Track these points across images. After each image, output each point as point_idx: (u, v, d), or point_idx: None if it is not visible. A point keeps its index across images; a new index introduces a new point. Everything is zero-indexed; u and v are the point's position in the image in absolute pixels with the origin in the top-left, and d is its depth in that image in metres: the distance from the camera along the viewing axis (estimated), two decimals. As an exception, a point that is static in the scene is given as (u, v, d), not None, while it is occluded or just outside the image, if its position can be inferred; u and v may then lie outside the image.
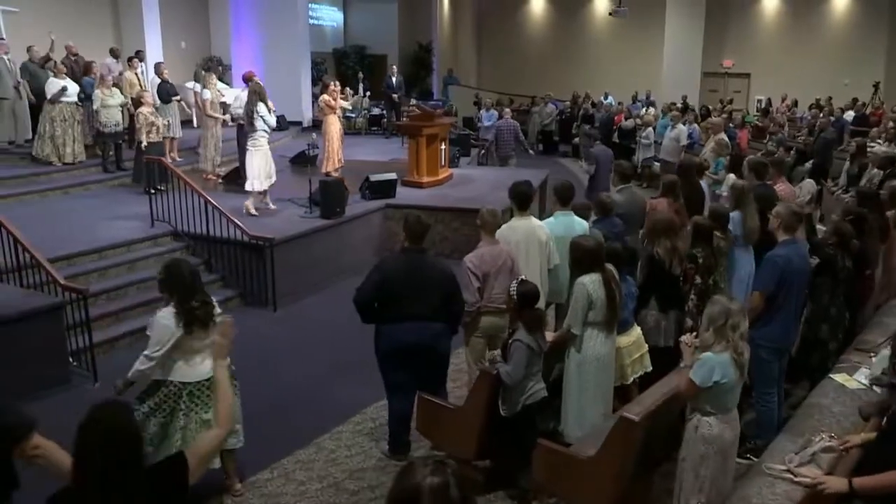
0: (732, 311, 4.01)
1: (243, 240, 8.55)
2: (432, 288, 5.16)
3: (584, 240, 5.23)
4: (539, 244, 5.95)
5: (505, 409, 4.78)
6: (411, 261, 5.22)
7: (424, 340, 5.16)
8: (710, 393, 4.01)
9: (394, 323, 5.11)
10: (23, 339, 6.39)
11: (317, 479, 5.30)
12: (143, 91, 11.51)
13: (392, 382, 5.35)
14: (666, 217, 6.09)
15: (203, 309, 4.56)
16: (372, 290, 5.17)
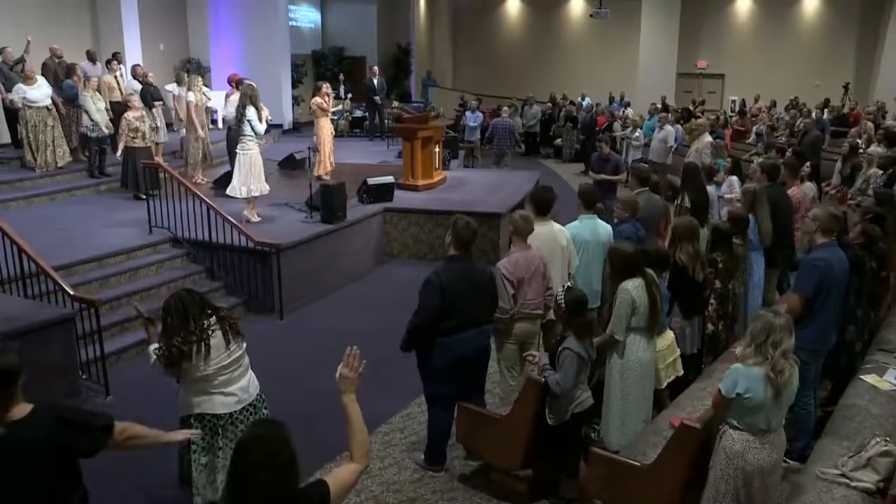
0: (776, 327, 3.78)
1: (248, 246, 8.36)
2: (483, 293, 5.15)
3: (623, 245, 5.19)
4: (561, 249, 5.92)
5: (552, 417, 4.71)
6: (463, 269, 5.13)
7: (482, 345, 5.21)
8: (735, 406, 3.87)
9: (453, 334, 5.00)
10: (33, 351, 6.14)
11: (354, 492, 5.14)
12: (129, 95, 11.22)
13: (440, 394, 5.24)
14: (688, 222, 6.08)
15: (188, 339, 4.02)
16: (434, 307, 5.00)
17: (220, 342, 4.11)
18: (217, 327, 4.12)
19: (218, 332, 4.11)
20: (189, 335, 3.98)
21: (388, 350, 7.54)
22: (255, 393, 4.37)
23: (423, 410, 6.33)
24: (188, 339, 3.97)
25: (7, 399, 2.83)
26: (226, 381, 4.20)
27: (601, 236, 6.30)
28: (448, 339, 5.02)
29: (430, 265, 10.24)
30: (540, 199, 6.06)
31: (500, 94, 24.09)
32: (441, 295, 4.98)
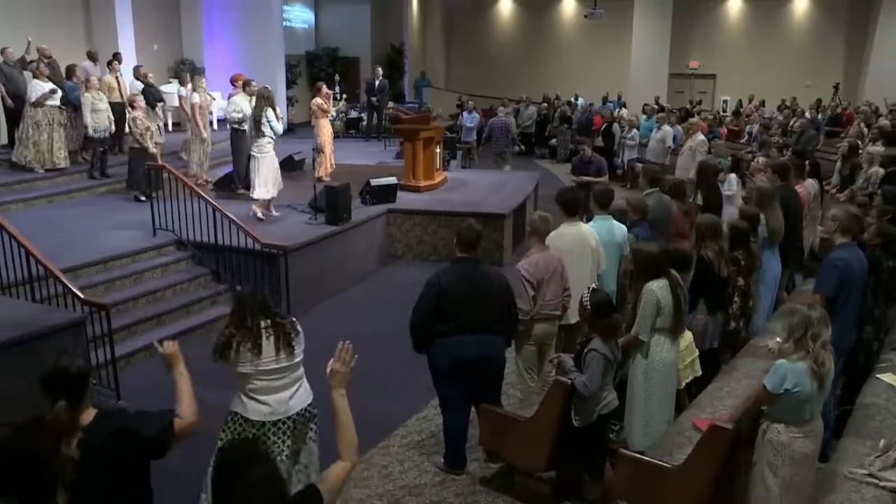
0: (813, 320, 3.90)
1: (254, 248, 8.31)
2: (488, 298, 5.03)
3: (647, 246, 5.19)
4: (590, 250, 5.90)
5: (578, 419, 4.69)
6: (466, 271, 5.07)
7: (483, 353, 5.03)
8: (782, 401, 3.92)
9: (451, 336, 4.95)
10: (43, 357, 6.08)
11: (376, 496, 5.14)
12: (135, 95, 11.12)
13: (448, 396, 5.21)
14: (711, 220, 6.10)
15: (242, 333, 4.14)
16: (430, 307, 4.98)
17: (272, 347, 4.14)
18: (271, 332, 4.16)
19: (272, 336, 4.15)
20: (244, 329, 4.10)
21: (396, 352, 7.51)
22: (299, 409, 4.31)
23: (439, 413, 6.29)
24: (242, 332, 4.09)
25: (82, 402, 2.79)
26: (264, 389, 4.18)
27: (616, 237, 6.31)
28: (445, 341, 4.99)
29: (434, 266, 10.21)
30: (568, 200, 6.05)
31: (493, 94, 24.11)
32: (438, 296, 4.94)
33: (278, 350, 4.17)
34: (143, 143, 10.57)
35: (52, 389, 2.72)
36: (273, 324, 4.22)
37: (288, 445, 4.28)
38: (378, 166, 13.80)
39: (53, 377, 2.75)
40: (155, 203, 8.96)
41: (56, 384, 2.73)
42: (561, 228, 5.93)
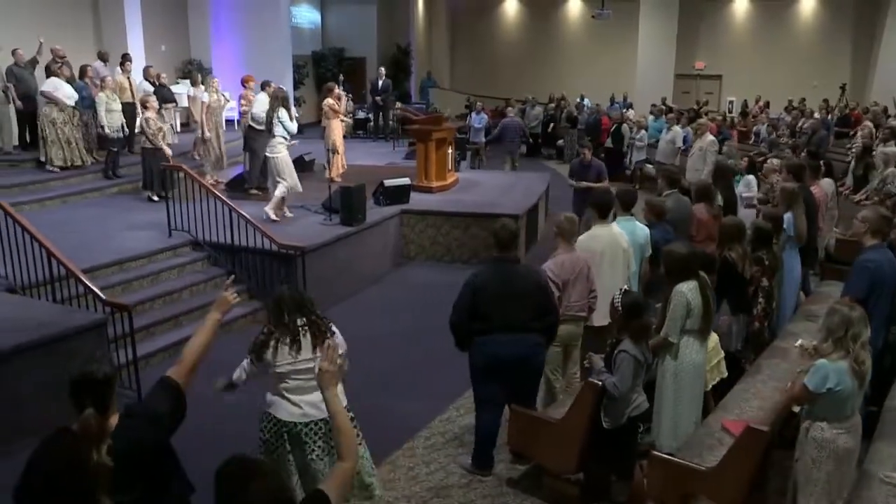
0: (853, 319, 3.96)
1: (271, 249, 8.29)
2: (526, 298, 5.01)
3: (677, 247, 5.17)
4: (622, 252, 5.90)
5: (608, 421, 4.68)
6: (503, 270, 5.07)
7: (520, 353, 5.01)
8: (824, 399, 3.97)
9: (488, 335, 4.95)
10: (66, 358, 6.06)
11: (403, 498, 5.13)
12: (147, 96, 11.11)
13: (483, 396, 5.19)
14: (735, 222, 6.09)
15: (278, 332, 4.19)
16: (466, 306, 4.99)
17: (309, 345, 4.18)
18: (307, 330, 4.21)
19: (308, 334, 4.20)
20: (282, 327, 4.16)
21: (415, 353, 7.57)
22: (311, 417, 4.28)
23: (461, 414, 6.34)
24: (280, 330, 4.15)
25: (109, 408, 2.76)
26: (297, 389, 4.19)
27: (639, 238, 6.29)
28: (481, 340, 4.99)
29: (448, 267, 10.33)
30: (601, 202, 6.05)
31: (498, 94, 24.10)
32: (473, 295, 4.95)
33: (315, 348, 4.19)
34: (156, 143, 10.56)
35: (79, 396, 2.67)
36: (309, 322, 4.26)
37: (319, 446, 4.27)
38: (388, 167, 13.78)
39: (80, 384, 2.70)
40: (170, 203, 8.93)
41: (83, 391, 2.68)
42: (594, 230, 5.92)
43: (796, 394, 4.16)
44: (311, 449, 4.26)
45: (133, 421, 2.81)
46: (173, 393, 3.02)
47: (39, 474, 2.63)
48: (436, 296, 9.21)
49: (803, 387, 3.98)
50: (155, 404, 2.95)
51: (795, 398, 4.22)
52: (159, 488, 2.88)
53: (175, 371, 3.11)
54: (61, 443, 2.65)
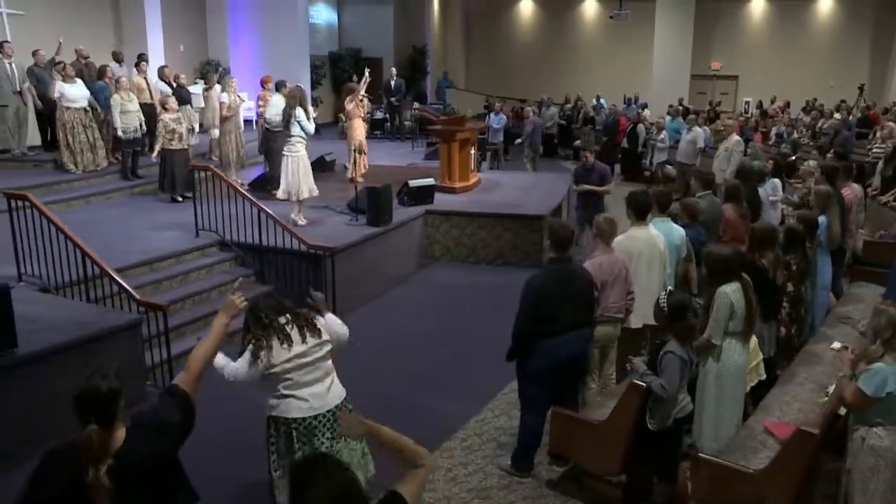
0: None
1: (300, 249, 8.29)
2: (582, 296, 5.11)
3: (719, 249, 5.16)
4: (659, 254, 5.88)
5: (654, 423, 4.66)
6: (562, 271, 5.10)
7: (578, 350, 5.13)
8: (881, 404, 3.93)
9: (553, 337, 4.96)
10: (102, 357, 6.09)
11: (444, 499, 5.13)
12: (166, 97, 11.13)
13: (535, 399, 5.18)
14: (768, 226, 6.06)
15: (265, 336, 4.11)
16: (534, 313, 4.98)
17: (297, 337, 4.13)
18: (293, 323, 4.16)
19: (294, 327, 4.15)
20: (267, 329, 4.09)
21: (446, 354, 7.57)
22: (336, 402, 4.28)
23: (496, 415, 6.34)
24: (267, 333, 4.08)
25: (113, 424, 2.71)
26: (299, 384, 4.15)
27: (675, 239, 6.27)
28: (550, 342, 4.98)
29: (472, 268, 10.33)
30: (639, 204, 6.03)
31: (513, 95, 24.06)
32: (539, 297, 4.94)
33: (304, 337, 4.15)
34: (167, 144, 10.56)
35: (84, 411, 2.63)
36: (292, 316, 4.22)
37: (328, 438, 4.25)
38: (409, 167, 13.78)
39: (85, 399, 2.65)
40: (197, 204, 8.94)
41: (88, 405, 2.64)
42: (631, 231, 5.90)
43: (850, 399, 4.12)
44: (319, 441, 4.24)
45: (141, 431, 2.79)
46: (182, 402, 2.98)
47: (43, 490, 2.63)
48: (462, 297, 9.27)
49: (859, 391, 3.94)
50: (163, 414, 2.92)
51: (850, 404, 4.18)
52: (164, 498, 2.87)
53: (182, 379, 3.08)
54: (66, 458, 2.64)
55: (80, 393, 2.64)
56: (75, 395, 2.65)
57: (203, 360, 3.15)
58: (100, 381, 2.65)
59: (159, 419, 2.85)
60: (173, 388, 3.00)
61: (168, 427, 2.84)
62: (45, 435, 5.63)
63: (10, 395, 5.41)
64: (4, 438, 5.29)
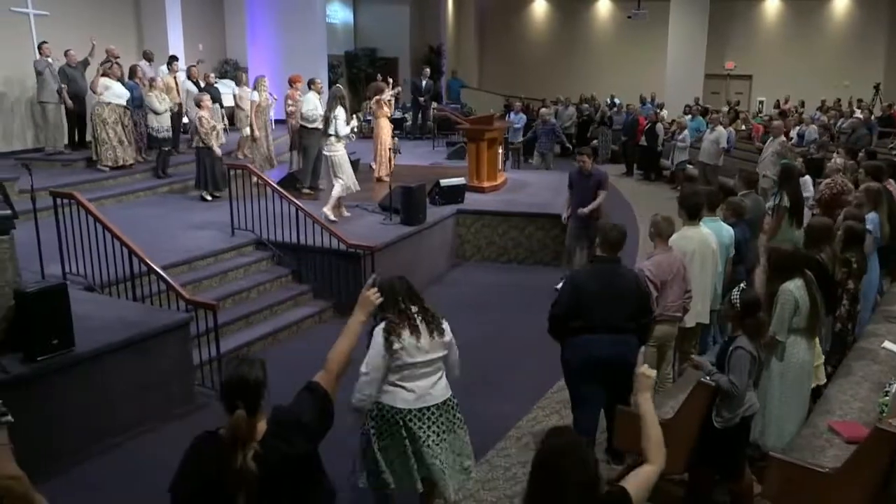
0: None
1: (338, 248, 8.29)
2: (625, 298, 4.98)
3: (783, 245, 5.15)
4: (712, 253, 5.87)
5: (721, 420, 4.64)
6: (604, 270, 5.04)
7: (619, 353, 4.98)
8: None
9: (585, 334, 4.93)
10: (153, 357, 6.10)
11: (506, 498, 5.12)
12: (202, 95, 11.14)
13: (580, 396, 5.16)
14: (825, 223, 6.04)
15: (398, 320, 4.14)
16: (567, 302, 4.96)
17: (425, 330, 4.16)
18: (421, 316, 4.18)
19: (423, 321, 4.17)
20: (400, 314, 4.12)
21: (489, 354, 7.57)
22: (443, 398, 4.30)
23: (547, 414, 6.35)
24: (400, 317, 4.10)
25: (257, 412, 2.72)
26: (411, 376, 4.16)
27: (724, 238, 6.26)
28: (578, 339, 4.95)
29: (504, 268, 10.33)
30: (692, 204, 6.00)
31: (526, 94, 24.02)
32: (575, 292, 4.93)
33: (431, 333, 4.18)
34: (208, 142, 10.59)
35: (231, 398, 2.63)
36: (421, 308, 4.25)
37: (434, 432, 4.26)
38: (433, 167, 13.78)
39: (234, 386, 2.64)
40: (232, 202, 8.94)
41: (236, 393, 2.63)
42: (683, 231, 5.89)
43: None
44: (425, 435, 4.24)
45: (282, 429, 2.77)
46: (323, 401, 2.96)
47: (192, 475, 2.64)
48: (497, 296, 9.26)
49: None
50: (304, 412, 2.90)
51: None
52: (303, 496, 2.87)
53: (323, 377, 3.04)
54: (212, 447, 2.64)
55: (229, 379, 2.64)
56: (225, 381, 2.65)
57: (342, 359, 3.12)
58: (248, 370, 2.65)
59: (300, 418, 2.83)
60: (314, 386, 2.96)
61: (307, 427, 2.82)
62: (102, 434, 5.68)
63: (69, 395, 5.42)
64: (65, 438, 5.30)
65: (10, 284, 5.45)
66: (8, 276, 5.46)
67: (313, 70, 17.71)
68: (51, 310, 5.34)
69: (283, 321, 7.99)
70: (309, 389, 2.98)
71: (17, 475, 3.12)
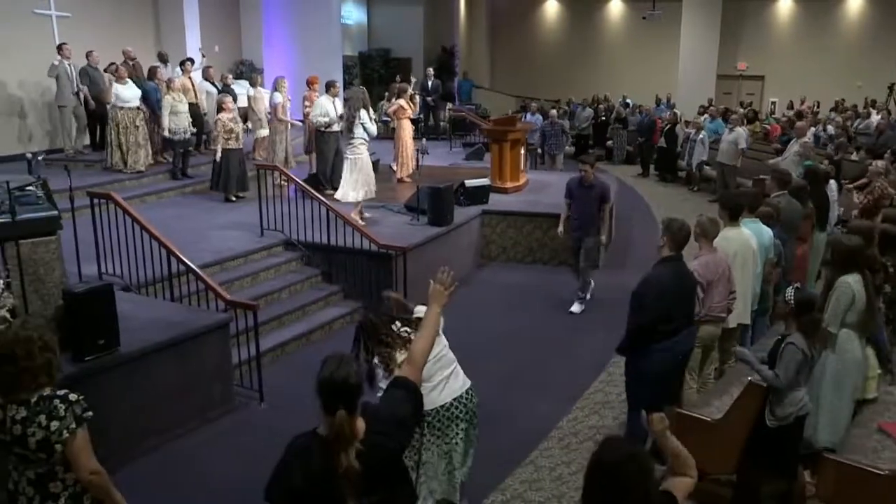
0: None
1: (368, 249, 8.30)
2: (691, 294, 5.16)
3: (847, 239, 5.19)
4: (752, 254, 5.88)
5: (773, 420, 4.63)
6: (678, 270, 5.13)
7: (690, 346, 5.24)
8: None
9: (670, 337, 5.02)
10: (193, 357, 6.11)
11: (554, 498, 5.13)
12: (224, 96, 11.15)
13: (646, 399, 5.15)
14: (866, 226, 6.04)
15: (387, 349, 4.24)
16: (654, 306, 4.99)
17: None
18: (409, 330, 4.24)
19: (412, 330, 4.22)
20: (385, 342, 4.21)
21: (522, 354, 7.60)
22: (465, 388, 4.41)
23: (587, 414, 6.36)
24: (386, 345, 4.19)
25: (356, 412, 2.73)
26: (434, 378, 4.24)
27: (764, 240, 6.26)
28: (667, 343, 5.01)
29: (530, 268, 10.33)
30: (734, 205, 6.02)
31: (538, 95, 24.01)
32: (660, 296, 4.97)
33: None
34: (224, 144, 10.57)
35: (332, 399, 2.63)
36: (406, 322, 4.32)
37: (463, 429, 4.32)
38: (451, 168, 13.79)
39: (335, 387, 2.64)
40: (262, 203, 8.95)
41: (337, 394, 2.63)
42: (725, 232, 5.88)
43: None
44: (455, 432, 4.31)
45: (382, 426, 2.79)
46: (414, 396, 2.99)
47: (295, 478, 2.64)
48: (524, 297, 9.26)
49: None
50: (400, 408, 2.91)
51: None
52: (394, 492, 2.89)
53: (409, 371, 3.07)
54: (314, 447, 2.66)
55: (332, 380, 2.63)
56: (326, 382, 2.63)
57: (425, 353, 3.17)
58: (349, 371, 2.65)
59: (396, 414, 2.84)
60: (403, 382, 2.97)
61: (405, 423, 2.85)
62: (144, 435, 5.70)
63: (114, 395, 5.43)
64: (112, 438, 5.30)
65: (58, 285, 5.47)
66: (55, 276, 5.49)
67: (329, 71, 17.74)
68: (98, 310, 5.35)
69: (315, 322, 8.00)
70: (399, 385, 2.99)
71: (99, 470, 3.17)
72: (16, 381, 3.06)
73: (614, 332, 5.73)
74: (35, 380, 3.09)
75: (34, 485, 3.14)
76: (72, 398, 3.13)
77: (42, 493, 3.14)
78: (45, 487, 3.13)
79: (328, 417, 2.62)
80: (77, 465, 3.11)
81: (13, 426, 3.04)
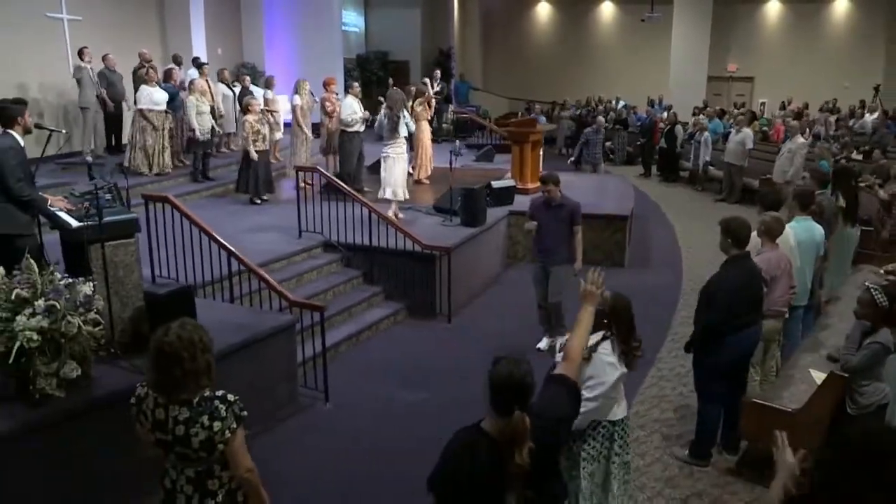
0: None
1: (413, 250, 8.41)
2: (758, 290, 5.34)
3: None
4: (790, 249, 6.06)
5: (854, 408, 4.83)
6: (746, 267, 5.29)
7: (756, 341, 5.43)
8: None
9: (741, 331, 5.20)
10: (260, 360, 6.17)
11: (636, 489, 5.24)
12: (251, 99, 11.19)
13: (717, 392, 5.36)
14: None
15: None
16: (725, 307, 5.14)
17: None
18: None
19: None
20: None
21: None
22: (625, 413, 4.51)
23: (647, 409, 6.52)
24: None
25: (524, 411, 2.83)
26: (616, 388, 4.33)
27: (816, 237, 6.48)
28: (737, 337, 5.19)
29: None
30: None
31: (530, 97, 24.22)
32: (733, 293, 5.13)
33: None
34: (247, 146, 10.62)
35: (507, 398, 2.72)
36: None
37: (620, 446, 4.42)
38: (464, 169, 13.90)
39: (512, 387, 2.73)
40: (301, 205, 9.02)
41: (513, 394, 2.73)
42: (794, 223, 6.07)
43: None
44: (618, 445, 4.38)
45: (548, 424, 2.89)
46: (575, 391, 3.12)
47: (462, 472, 2.73)
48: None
49: None
50: (562, 405, 3.03)
51: None
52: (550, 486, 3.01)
53: (567, 368, 3.19)
54: (481, 443, 2.74)
55: (509, 381, 2.72)
56: (503, 381, 2.72)
57: (581, 350, 3.28)
58: (526, 371, 2.75)
59: (558, 412, 2.96)
60: (563, 379, 3.09)
61: (567, 419, 2.96)
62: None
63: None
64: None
65: (136, 287, 5.53)
66: (134, 277, 5.55)
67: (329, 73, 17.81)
68: (178, 313, 5.36)
69: (361, 322, 8.08)
70: (559, 382, 3.11)
71: (254, 467, 3.25)
72: (181, 382, 3.09)
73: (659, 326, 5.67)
74: (197, 381, 3.14)
75: (193, 482, 3.20)
76: (230, 398, 3.20)
77: (201, 490, 3.21)
78: (203, 485, 3.20)
79: (501, 417, 2.72)
80: (235, 463, 3.18)
81: (176, 426, 3.10)
